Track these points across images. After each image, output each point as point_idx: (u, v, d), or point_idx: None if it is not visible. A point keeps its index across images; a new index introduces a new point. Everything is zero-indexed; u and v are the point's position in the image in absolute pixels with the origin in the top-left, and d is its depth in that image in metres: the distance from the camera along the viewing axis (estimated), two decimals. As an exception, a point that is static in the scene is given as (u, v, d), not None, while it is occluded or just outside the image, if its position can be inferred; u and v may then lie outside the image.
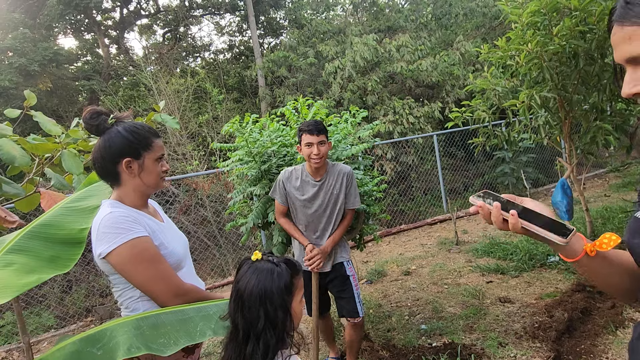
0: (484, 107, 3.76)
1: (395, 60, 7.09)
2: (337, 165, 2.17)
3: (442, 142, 7.26)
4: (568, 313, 2.61)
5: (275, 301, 0.91)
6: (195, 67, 13.59)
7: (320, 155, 2.00)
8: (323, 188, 2.13)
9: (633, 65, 0.54)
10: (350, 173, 2.16)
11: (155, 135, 1.22)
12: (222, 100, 8.71)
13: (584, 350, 2.27)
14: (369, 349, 2.53)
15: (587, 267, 0.62)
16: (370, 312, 3.23)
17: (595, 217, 4.55)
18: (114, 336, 0.91)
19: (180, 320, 1.00)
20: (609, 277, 0.64)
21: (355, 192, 2.20)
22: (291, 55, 8.64)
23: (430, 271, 4.04)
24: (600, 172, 7.75)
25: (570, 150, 3.66)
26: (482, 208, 0.65)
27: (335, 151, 2.29)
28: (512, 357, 2.27)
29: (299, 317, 0.97)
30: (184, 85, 9.29)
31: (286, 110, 2.44)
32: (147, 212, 1.26)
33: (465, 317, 2.89)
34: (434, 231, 5.78)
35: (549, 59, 2.99)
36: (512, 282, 3.43)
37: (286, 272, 0.94)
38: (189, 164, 7.25)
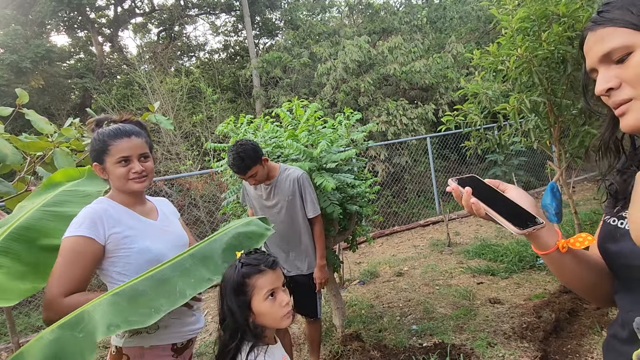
0: (476, 111, 3.81)
1: (389, 62, 7.15)
2: (288, 170, 2.12)
3: (435, 145, 7.33)
4: (555, 314, 2.66)
5: (228, 296, 0.98)
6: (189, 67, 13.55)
7: (257, 181, 2.01)
8: (274, 190, 2.12)
9: (605, 64, 0.57)
10: (300, 177, 2.08)
11: (118, 137, 1.19)
12: (216, 100, 8.70)
13: (570, 350, 2.32)
14: (360, 349, 2.55)
15: (557, 262, 0.65)
16: (362, 313, 3.25)
17: (584, 220, 4.63)
18: (92, 317, 0.88)
19: (158, 284, 0.97)
20: (576, 274, 0.66)
21: (311, 199, 2.11)
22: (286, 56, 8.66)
23: (422, 272, 4.08)
24: (590, 176, 7.87)
25: (559, 154, 3.72)
26: (455, 190, 0.67)
27: (325, 155, 2.31)
28: (501, 357, 2.31)
29: (269, 316, 0.99)
30: (178, 85, 9.27)
31: (280, 112, 2.46)
32: (141, 209, 1.27)
33: (456, 317, 2.92)
34: (427, 233, 5.83)
35: (539, 64, 3.05)
36: (502, 284, 3.48)
37: (239, 270, 0.99)
38: (183, 164, 7.23)
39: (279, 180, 2.10)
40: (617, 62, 0.56)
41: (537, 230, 0.60)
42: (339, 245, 3.84)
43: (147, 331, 1.17)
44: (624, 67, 0.55)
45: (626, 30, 0.54)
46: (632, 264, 0.58)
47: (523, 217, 0.61)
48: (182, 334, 1.25)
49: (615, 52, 0.55)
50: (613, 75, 0.56)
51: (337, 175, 2.24)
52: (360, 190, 2.59)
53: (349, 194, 2.60)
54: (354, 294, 3.81)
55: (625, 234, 0.61)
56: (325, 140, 2.16)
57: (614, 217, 0.65)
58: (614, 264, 0.63)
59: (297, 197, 2.09)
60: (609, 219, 0.66)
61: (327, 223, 2.56)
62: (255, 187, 2.12)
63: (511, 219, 0.60)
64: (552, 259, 0.64)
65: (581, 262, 0.66)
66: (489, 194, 0.66)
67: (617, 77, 0.56)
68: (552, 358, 2.29)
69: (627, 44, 0.54)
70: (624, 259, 0.60)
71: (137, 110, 8.35)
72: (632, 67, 0.54)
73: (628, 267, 0.59)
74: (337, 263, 2.72)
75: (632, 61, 0.54)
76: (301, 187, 2.09)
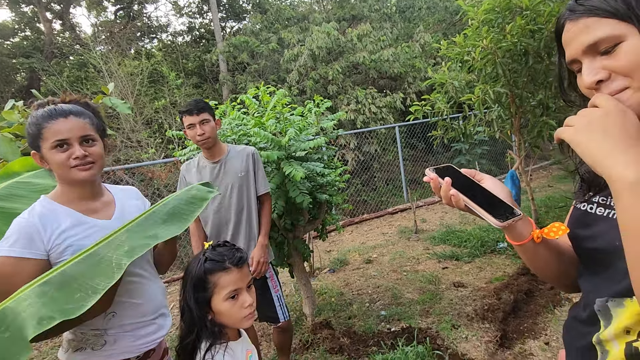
0: (443, 101, 3.89)
1: (358, 50, 7.12)
2: (240, 146, 2.02)
3: (403, 134, 7.46)
4: (514, 295, 2.81)
5: (188, 291, 0.93)
6: (151, 49, 12.81)
7: (206, 136, 1.85)
8: (222, 169, 1.95)
9: (590, 55, 0.56)
10: (255, 152, 1.99)
11: (52, 117, 1.03)
12: (180, 85, 8.30)
13: (527, 329, 2.46)
14: (330, 336, 2.57)
15: (530, 253, 0.65)
16: (332, 301, 3.28)
17: (540, 205, 4.92)
18: (17, 312, 0.78)
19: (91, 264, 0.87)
20: (548, 263, 0.67)
21: (263, 174, 2.02)
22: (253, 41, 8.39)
23: (391, 259, 4.17)
24: (544, 164, 8.38)
25: (519, 144, 3.90)
26: (433, 181, 0.65)
27: (294, 143, 2.25)
28: (464, 338, 2.41)
29: (229, 317, 0.94)
30: (138, 68, 8.73)
31: (246, 99, 2.36)
32: (91, 206, 1.12)
33: (422, 302, 3.02)
34: (395, 220, 5.96)
35: (502, 56, 3.14)
36: (465, 268, 3.63)
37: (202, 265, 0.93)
38: (145, 152, 6.88)
39: (229, 157, 1.96)
40: (602, 53, 0.55)
41: (515, 222, 0.59)
42: (309, 234, 3.83)
43: (92, 347, 1.06)
44: (613, 58, 0.54)
45: (610, 20, 0.53)
46: (600, 246, 0.59)
47: (501, 208, 0.61)
48: (137, 347, 1.12)
49: (602, 42, 0.54)
50: (600, 67, 0.55)
51: (307, 164, 2.19)
52: (330, 179, 2.57)
53: (318, 183, 2.57)
54: (324, 282, 3.83)
55: (598, 218, 0.62)
56: (294, 128, 2.09)
57: (585, 202, 0.65)
58: (581, 248, 0.65)
59: (251, 173, 1.97)
60: (579, 205, 0.67)
61: (297, 212, 2.53)
62: (200, 171, 1.96)
63: (491, 211, 0.59)
64: (526, 249, 0.65)
65: (553, 251, 0.67)
66: (466, 184, 0.65)
67: (604, 69, 0.55)
68: (510, 336, 2.42)
69: (615, 34, 0.53)
70: (592, 243, 0.61)
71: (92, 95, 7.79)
72: (623, 57, 0.53)
73: (595, 250, 0.61)
74: (306, 252, 2.71)
75: (622, 51, 0.53)
76: (255, 162, 1.98)
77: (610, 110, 0.49)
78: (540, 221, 4.23)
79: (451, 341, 2.37)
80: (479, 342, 2.33)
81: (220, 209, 1.95)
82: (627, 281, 0.47)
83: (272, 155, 2.06)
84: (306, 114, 2.76)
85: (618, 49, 0.53)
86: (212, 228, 1.98)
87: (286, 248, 2.65)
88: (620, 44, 0.53)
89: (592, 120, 0.49)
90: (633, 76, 0.52)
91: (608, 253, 0.56)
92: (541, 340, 2.30)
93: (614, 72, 0.54)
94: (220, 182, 1.94)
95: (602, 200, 0.62)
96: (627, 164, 0.45)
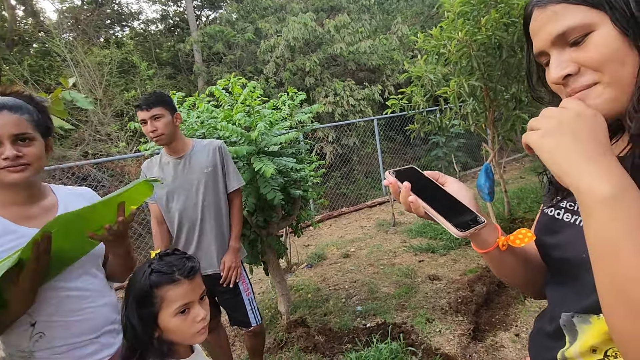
0: (419, 94, 3.87)
1: (336, 42, 7.03)
2: (205, 140, 1.90)
3: (382, 126, 7.46)
4: (486, 287, 2.85)
5: (130, 306, 0.84)
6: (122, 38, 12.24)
7: (158, 132, 1.71)
8: (187, 165, 1.81)
9: (559, 47, 0.50)
10: (222, 146, 1.86)
11: None
12: (152, 75, 7.98)
13: (498, 320, 2.50)
14: (305, 334, 2.53)
15: (496, 260, 0.61)
16: (309, 297, 3.24)
17: (512, 197, 5.03)
18: None
19: None
20: (515, 271, 0.64)
21: (234, 168, 1.89)
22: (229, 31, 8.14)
23: (368, 253, 4.17)
24: (517, 157, 8.61)
25: (493, 137, 3.94)
26: (392, 185, 0.60)
27: (265, 138, 2.16)
28: (438, 331, 2.42)
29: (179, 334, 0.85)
30: (108, 57, 8.32)
31: (215, 90, 2.24)
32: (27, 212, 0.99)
33: (398, 296, 3.02)
34: (374, 213, 5.98)
35: (477, 49, 3.13)
36: (440, 260, 3.66)
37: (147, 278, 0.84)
38: (115, 146, 6.59)
39: (194, 152, 1.83)
40: (571, 44, 0.49)
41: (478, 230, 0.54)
42: (286, 230, 3.77)
43: None
44: (583, 50, 0.48)
45: (581, 7, 0.48)
46: (567, 256, 0.55)
47: (464, 215, 0.56)
48: None
49: (571, 32, 0.48)
50: (569, 60, 0.49)
51: (278, 160, 2.11)
52: (304, 174, 2.50)
53: (292, 178, 2.50)
54: (301, 277, 3.79)
55: (565, 225, 0.58)
56: (264, 122, 2.00)
57: (553, 207, 0.61)
58: (548, 256, 0.61)
59: (219, 168, 1.85)
60: (547, 210, 0.62)
61: (270, 209, 2.45)
62: (162, 168, 1.83)
63: (452, 219, 0.54)
64: (492, 256, 0.61)
65: (519, 258, 0.63)
66: (428, 188, 0.60)
67: (573, 62, 0.49)
68: (482, 329, 2.45)
69: (586, 23, 0.47)
70: (560, 252, 0.57)
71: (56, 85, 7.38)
72: (593, 49, 0.47)
73: (561, 260, 0.57)
74: (281, 249, 2.64)
75: (592, 42, 0.47)
76: (223, 156, 1.86)
77: (580, 112, 0.44)
78: (512, 213, 4.32)
79: (425, 335, 2.38)
80: (452, 335, 2.35)
81: (185, 208, 1.82)
82: (594, 297, 0.43)
83: (240, 151, 1.96)
84: (280, 107, 2.67)
85: (588, 40, 0.47)
86: (178, 229, 1.86)
87: (259, 246, 2.57)
88: (590, 33, 0.47)
89: (560, 122, 0.44)
90: (603, 70, 0.47)
91: (575, 265, 0.53)
92: (512, 331, 2.34)
93: (583, 65, 0.48)
94: (185, 179, 1.81)
95: (570, 205, 0.58)
96: (598, 176, 0.40)
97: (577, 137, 0.42)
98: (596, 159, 0.41)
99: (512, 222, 4.11)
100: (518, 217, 4.21)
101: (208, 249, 1.86)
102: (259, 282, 3.89)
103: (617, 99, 0.47)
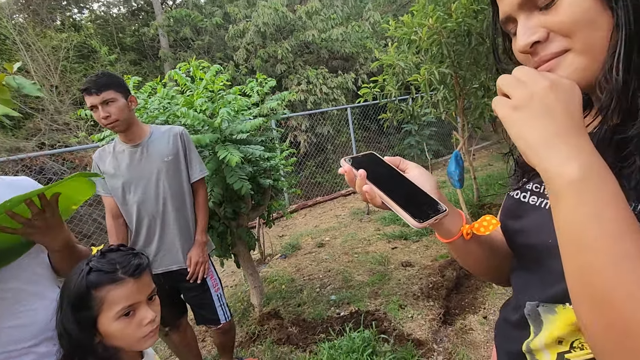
0: (391, 82, 3.85)
1: (308, 28, 6.88)
2: (165, 127, 1.77)
3: (356, 115, 7.44)
4: (456, 271, 2.91)
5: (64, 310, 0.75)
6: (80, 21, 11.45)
7: (112, 119, 1.56)
8: (144, 153, 1.67)
9: (526, 11, 0.46)
10: (183, 132, 1.74)
11: None
12: (114, 60, 7.52)
13: (467, 304, 2.56)
14: (279, 326, 2.49)
15: (460, 250, 0.58)
16: (282, 288, 3.19)
17: (481, 184, 5.17)
18: None
19: None
20: (479, 260, 0.60)
21: (197, 157, 1.77)
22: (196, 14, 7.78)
23: (343, 241, 4.17)
24: (485, 144, 8.89)
25: (463, 125, 4.00)
26: (347, 173, 0.55)
27: (230, 125, 2.05)
28: (410, 317, 2.45)
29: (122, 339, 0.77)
30: (66, 41, 7.75)
31: (175, 74, 2.10)
32: None
33: (372, 283, 3.03)
34: (348, 202, 5.99)
35: (447, 36, 3.13)
36: (413, 247, 3.72)
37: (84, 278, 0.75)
38: (74, 136, 6.20)
39: (153, 139, 1.69)
40: (541, 8, 0.44)
41: (439, 219, 0.50)
42: (259, 220, 3.69)
43: None
44: (553, 13, 0.43)
45: None
46: (532, 242, 0.52)
47: (424, 204, 0.51)
48: None
49: None
50: (537, 25, 0.45)
51: (245, 148, 2.02)
52: (274, 162, 2.42)
53: (262, 167, 2.42)
54: (275, 269, 3.73)
55: (530, 209, 0.54)
56: (228, 109, 1.90)
57: (519, 190, 0.57)
58: (513, 242, 0.57)
59: (181, 156, 1.72)
60: (512, 193, 0.59)
61: (238, 199, 2.36)
62: (116, 157, 1.69)
63: (410, 209, 0.49)
64: (456, 246, 0.57)
65: (484, 246, 0.59)
66: (386, 176, 0.55)
67: (542, 27, 0.44)
68: (452, 312, 2.51)
69: None
70: (525, 237, 0.54)
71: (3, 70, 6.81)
72: (563, 12, 0.42)
73: (527, 246, 0.53)
74: (252, 241, 2.57)
75: (563, 4, 0.42)
76: (185, 143, 1.73)
77: (556, 83, 0.39)
78: (481, 199, 4.44)
79: (398, 322, 2.40)
80: (423, 320, 2.38)
81: (144, 200, 1.69)
82: (560, 286, 0.39)
83: (203, 139, 1.85)
84: (249, 94, 2.55)
85: (559, 2, 0.43)
86: (137, 223, 1.73)
87: (229, 238, 2.49)
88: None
89: (532, 95, 0.39)
90: (574, 35, 0.43)
91: (540, 251, 0.49)
92: (480, 314, 2.40)
93: (553, 30, 0.44)
94: (142, 168, 1.68)
95: (536, 187, 0.55)
96: (567, 157, 0.36)
97: (549, 112, 0.38)
98: (567, 138, 0.37)
99: (481, 207, 4.23)
100: (487, 203, 4.33)
101: (172, 244, 1.75)
102: (232, 275, 3.80)
103: (588, 67, 0.43)
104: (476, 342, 2.13)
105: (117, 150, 1.70)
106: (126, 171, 1.68)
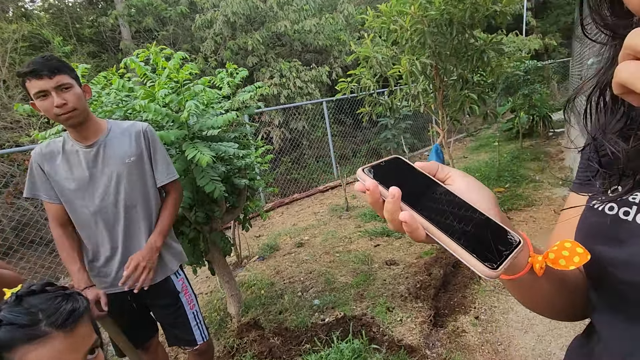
0: (368, 75, 3.71)
1: (280, 19, 6.62)
2: (123, 123, 1.52)
3: (331, 109, 7.28)
4: (443, 269, 2.83)
5: None
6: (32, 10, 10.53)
7: (69, 107, 1.30)
8: (102, 154, 1.43)
9: None
10: (148, 130, 1.51)
11: None
12: (69, 52, 6.92)
13: (457, 303, 2.48)
14: (259, 338, 2.29)
15: (526, 287, 0.41)
16: (261, 294, 2.99)
17: (459, 177, 5.17)
18: None
19: None
20: (547, 299, 0.44)
21: (165, 158, 1.54)
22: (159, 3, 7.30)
23: (323, 240, 4.01)
24: (460, 137, 9.02)
25: (442, 117, 3.93)
26: (371, 193, 0.37)
27: (198, 120, 1.82)
28: (399, 321, 2.33)
29: None
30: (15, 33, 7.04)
31: (131, 61, 1.82)
32: None
33: (356, 285, 2.90)
34: (326, 198, 5.84)
35: (429, 25, 3.02)
36: (396, 244, 3.61)
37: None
38: (26, 134, 5.64)
39: (111, 138, 1.45)
40: None
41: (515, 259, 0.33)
42: (234, 222, 3.45)
43: None
44: None
45: None
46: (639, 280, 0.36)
47: (491, 235, 0.34)
48: None
49: None
50: None
51: (217, 145, 1.79)
52: (249, 160, 2.21)
53: (236, 166, 2.20)
54: (253, 272, 3.52)
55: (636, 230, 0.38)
56: (196, 101, 1.66)
57: (613, 202, 0.41)
58: (606, 277, 0.41)
59: (145, 157, 1.49)
60: (599, 206, 0.42)
61: (211, 202, 2.13)
62: (67, 158, 1.42)
63: (476, 249, 0.32)
64: (521, 283, 0.40)
65: (555, 282, 0.43)
66: (427, 194, 0.37)
67: None
68: (442, 313, 2.41)
69: None
70: (632, 273, 0.37)
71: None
72: None
73: (632, 286, 0.37)
74: (227, 246, 2.35)
75: None
76: (150, 142, 1.50)
77: None
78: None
79: (386, 327, 2.27)
80: (413, 324, 2.27)
81: (102, 208, 1.43)
82: None
83: (167, 136, 1.61)
84: (220, 85, 2.31)
85: None
86: (93, 237, 1.46)
87: (202, 244, 2.25)
88: None
89: None
90: None
91: None
92: (471, 314, 2.31)
93: None
94: (100, 172, 1.42)
95: None
96: None
97: None
98: None
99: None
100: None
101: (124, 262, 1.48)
102: (206, 281, 3.55)
103: None
104: (470, 345, 2.03)
105: (69, 150, 1.42)
106: (80, 175, 1.41)
